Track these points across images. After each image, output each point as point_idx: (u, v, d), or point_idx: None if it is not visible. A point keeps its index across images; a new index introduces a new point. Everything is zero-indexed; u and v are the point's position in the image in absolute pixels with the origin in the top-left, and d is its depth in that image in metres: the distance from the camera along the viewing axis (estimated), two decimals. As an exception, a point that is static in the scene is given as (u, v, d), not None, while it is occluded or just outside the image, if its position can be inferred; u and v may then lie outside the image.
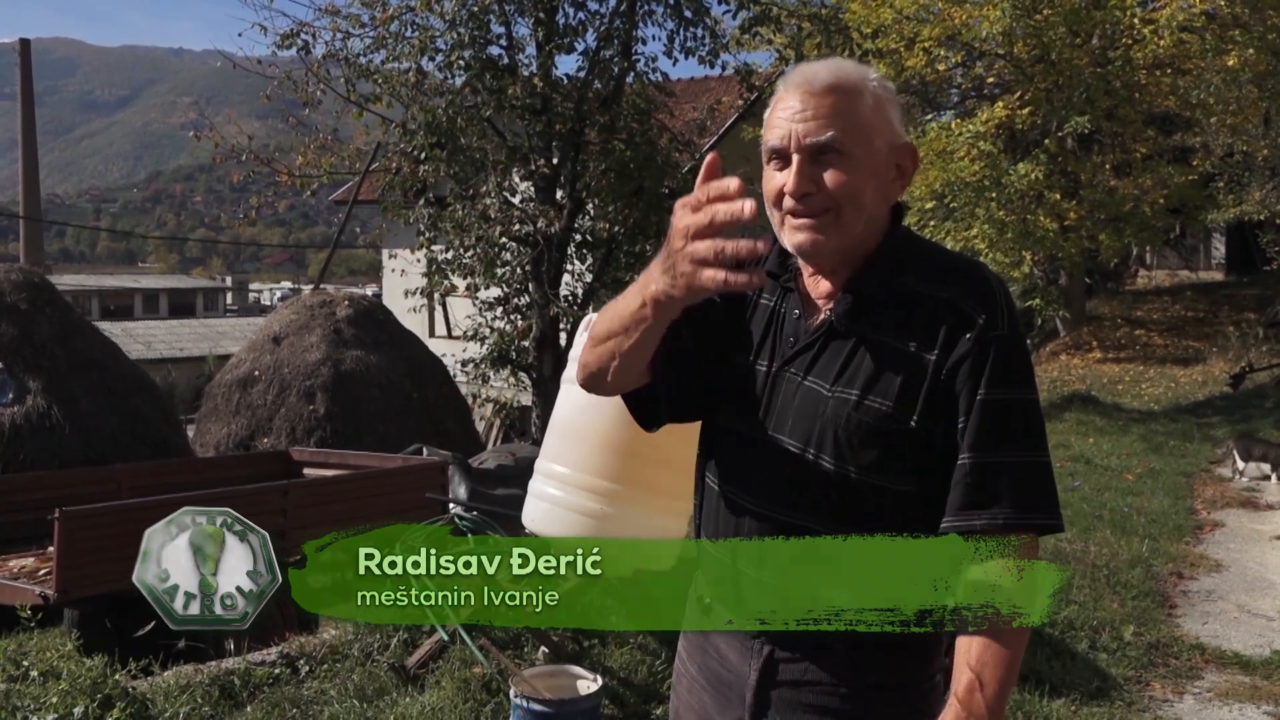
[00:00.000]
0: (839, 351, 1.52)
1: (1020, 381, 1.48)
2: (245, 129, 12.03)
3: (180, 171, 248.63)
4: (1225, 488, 8.79)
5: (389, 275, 19.10)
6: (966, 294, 1.48)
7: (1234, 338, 17.46)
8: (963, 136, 14.67)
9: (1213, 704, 4.22)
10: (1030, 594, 1.44)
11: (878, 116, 1.50)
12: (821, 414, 1.50)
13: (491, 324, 10.53)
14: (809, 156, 1.47)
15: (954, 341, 1.46)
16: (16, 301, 9.63)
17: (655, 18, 10.25)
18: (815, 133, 1.46)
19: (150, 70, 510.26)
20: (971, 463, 1.45)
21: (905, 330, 1.49)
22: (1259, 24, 14.59)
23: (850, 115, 1.48)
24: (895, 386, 1.47)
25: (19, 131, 25.61)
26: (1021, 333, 1.53)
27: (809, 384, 1.53)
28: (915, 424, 1.47)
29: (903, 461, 1.48)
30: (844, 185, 1.47)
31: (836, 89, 1.48)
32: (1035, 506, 1.46)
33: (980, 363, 1.45)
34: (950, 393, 1.46)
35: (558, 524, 3.20)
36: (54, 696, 3.48)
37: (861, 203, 1.49)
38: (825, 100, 1.47)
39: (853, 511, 1.49)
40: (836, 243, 1.50)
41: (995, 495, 1.45)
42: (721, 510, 1.61)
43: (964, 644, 1.43)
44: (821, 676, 1.54)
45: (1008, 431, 1.45)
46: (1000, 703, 1.41)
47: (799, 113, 1.48)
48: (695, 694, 1.71)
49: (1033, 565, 1.46)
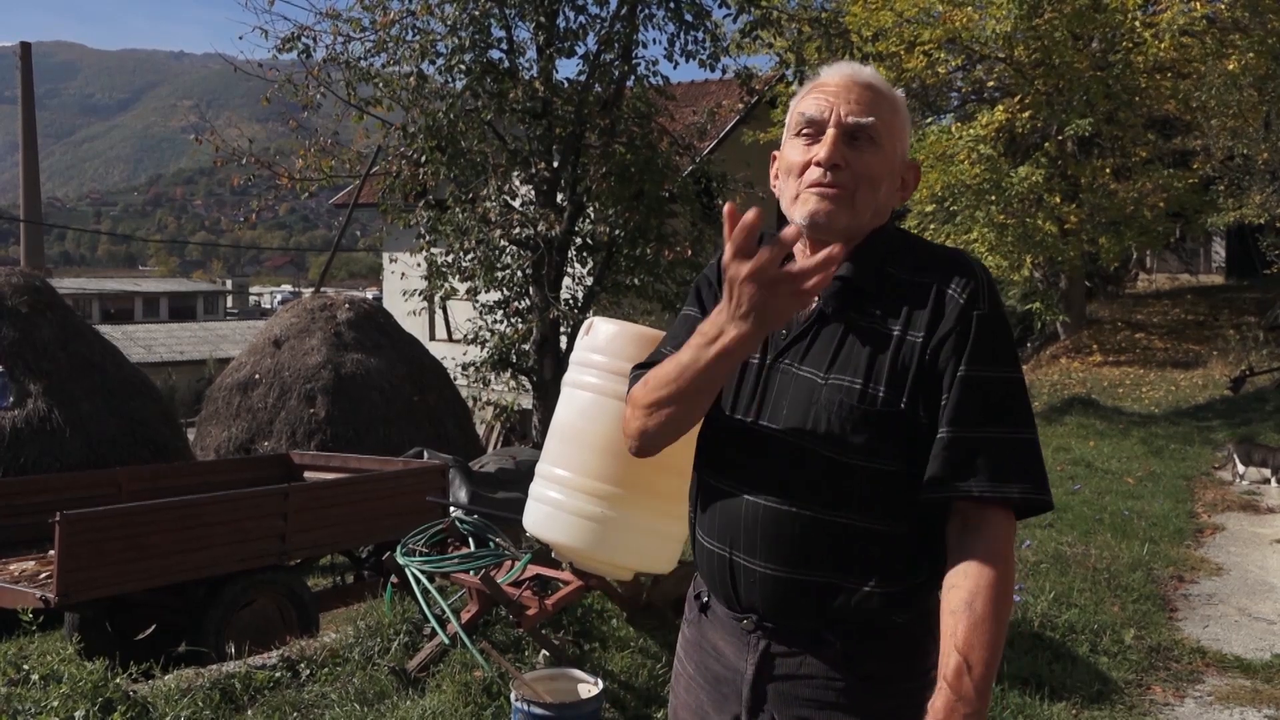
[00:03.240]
0: (830, 339, 1.55)
1: (1001, 359, 1.50)
2: (246, 132, 12.03)
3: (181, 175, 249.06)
4: (1226, 491, 8.78)
5: (389, 278, 19.11)
6: (948, 277, 1.52)
7: (1234, 341, 17.46)
8: (963, 140, 14.69)
9: (1213, 708, 4.21)
10: (1008, 570, 1.46)
11: (902, 128, 1.62)
12: (815, 401, 1.52)
13: (492, 327, 10.54)
14: (845, 135, 1.55)
15: (937, 322, 1.50)
16: (17, 305, 9.64)
17: (656, 21, 10.27)
18: (858, 114, 1.56)
19: (151, 73, 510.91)
20: (950, 436, 1.47)
21: (893, 316, 1.52)
22: (1259, 28, 14.60)
23: (886, 114, 1.58)
24: (885, 371, 1.50)
25: (20, 135, 25.63)
26: (1004, 313, 1.55)
27: (802, 373, 1.55)
28: (905, 407, 1.49)
29: (895, 445, 1.50)
30: (870, 169, 1.56)
31: (878, 89, 1.59)
32: (1014, 479, 1.47)
33: (961, 340, 1.48)
34: (933, 372, 1.49)
35: (558, 527, 3.20)
36: (55, 700, 3.48)
37: (877, 191, 1.57)
38: (868, 93, 1.58)
39: (846, 496, 1.51)
40: (847, 220, 1.56)
41: (972, 468, 1.46)
42: (717, 504, 1.63)
43: (949, 625, 1.44)
44: (818, 670, 1.55)
45: (987, 408, 1.47)
46: (987, 683, 1.42)
47: (844, 93, 1.57)
48: (692, 692, 1.72)
49: (1010, 540, 1.48)
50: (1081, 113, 14.48)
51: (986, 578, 1.44)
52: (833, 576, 1.52)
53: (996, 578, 1.44)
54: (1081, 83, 14.63)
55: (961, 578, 1.45)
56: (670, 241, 10.40)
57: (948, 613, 1.45)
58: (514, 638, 3.98)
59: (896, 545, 1.52)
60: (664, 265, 10.31)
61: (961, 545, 1.48)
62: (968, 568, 1.45)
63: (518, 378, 10.72)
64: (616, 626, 4.22)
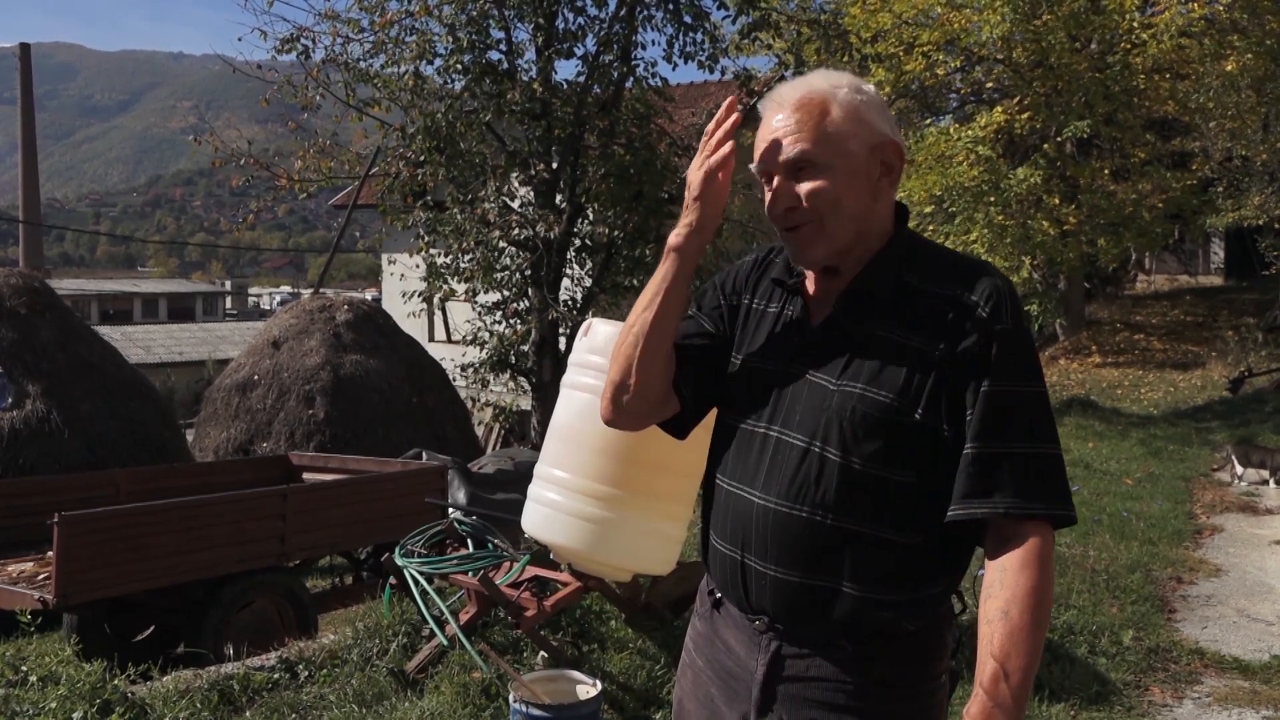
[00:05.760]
0: (844, 347, 1.56)
1: (1025, 375, 1.50)
2: (245, 133, 12.02)
3: (180, 176, 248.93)
4: (1224, 492, 8.79)
5: (388, 279, 19.10)
6: (970, 290, 1.51)
7: (1233, 342, 17.47)
8: (962, 141, 14.70)
9: (1212, 709, 4.22)
10: (1046, 580, 1.46)
11: (850, 122, 1.56)
12: (827, 407, 1.53)
13: (491, 328, 10.53)
14: (786, 173, 1.57)
15: (959, 336, 1.49)
16: (16, 306, 9.64)
17: (655, 23, 10.27)
18: (786, 150, 1.56)
19: (150, 75, 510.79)
20: (975, 453, 1.47)
21: (910, 326, 1.52)
22: (1258, 29, 14.61)
23: (820, 127, 1.55)
24: (899, 380, 1.50)
25: (19, 136, 25.64)
26: (1027, 327, 1.55)
27: (815, 379, 1.56)
28: (920, 417, 1.49)
29: (906, 454, 1.50)
30: (821, 196, 1.55)
31: (803, 104, 1.56)
32: (1039, 496, 1.47)
33: (985, 356, 1.48)
34: (956, 387, 1.48)
35: (557, 529, 3.20)
36: (53, 702, 3.48)
37: (842, 209, 1.56)
38: (793, 117, 1.56)
39: (856, 503, 1.51)
40: (825, 250, 1.58)
41: (998, 484, 1.46)
42: (730, 507, 1.64)
43: (985, 633, 1.45)
44: (827, 672, 1.56)
45: (1011, 423, 1.47)
46: (1024, 691, 1.42)
47: (772, 132, 1.58)
48: (702, 685, 1.73)
49: (1047, 550, 1.48)
50: (1080, 114, 14.49)
51: (1023, 587, 1.44)
52: (842, 583, 1.52)
53: (1033, 587, 1.44)
54: (1080, 84, 14.65)
55: (998, 587, 1.46)
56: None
57: (984, 621, 1.46)
58: (512, 639, 3.98)
59: (910, 556, 1.52)
60: (663, 267, 10.29)
61: (997, 556, 1.48)
62: (1004, 578, 1.46)
63: (516, 379, 10.72)
64: (615, 628, 4.22)
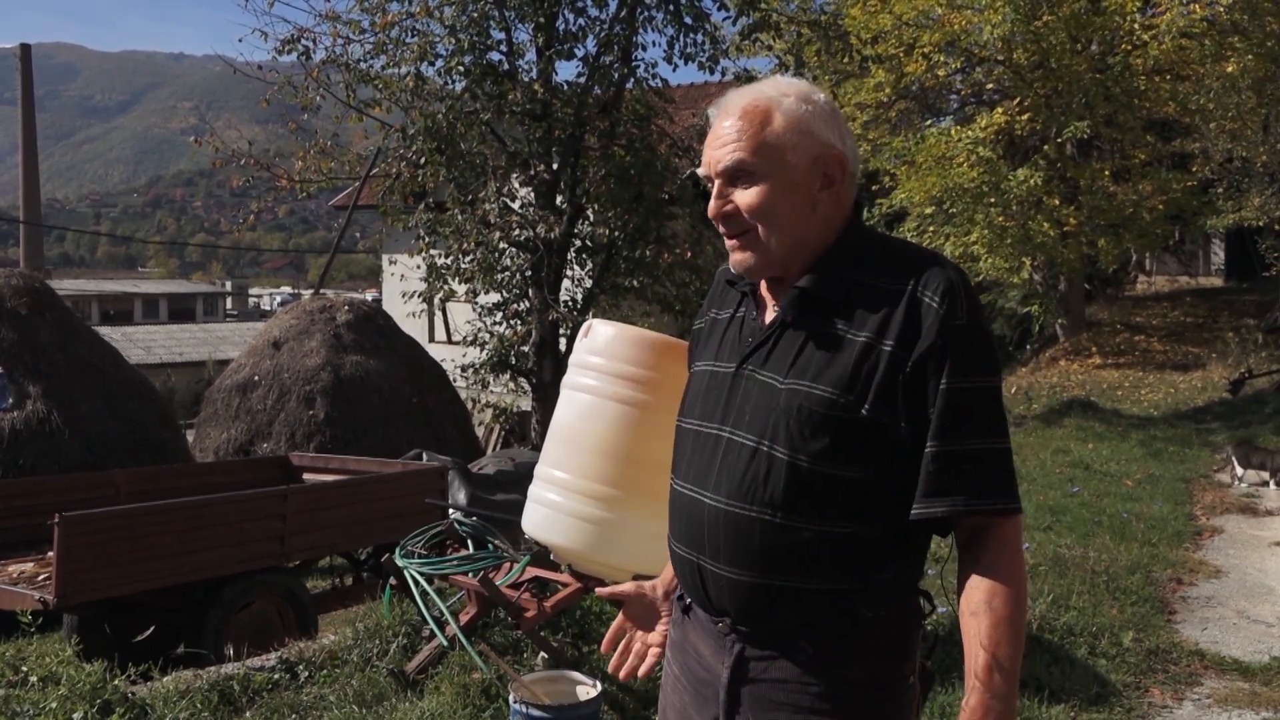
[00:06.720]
0: (791, 345, 1.56)
1: (982, 370, 1.50)
2: (245, 134, 12.04)
3: (180, 176, 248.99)
4: (1224, 493, 8.78)
5: (389, 280, 19.12)
6: (921, 282, 1.50)
7: (1233, 343, 17.46)
8: (962, 142, 14.69)
9: (1212, 710, 4.21)
10: (1021, 571, 1.49)
11: (792, 133, 1.55)
12: (775, 406, 1.53)
13: (491, 329, 10.54)
14: (725, 180, 1.58)
15: (913, 332, 1.48)
16: (16, 306, 9.64)
17: (655, 24, 10.29)
18: (724, 158, 1.57)
19: (151, 75, 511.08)
20: (935, 450, 1.48)
21: (858, 321, 1.51)
22: (1258, 30, 14.60)
23: (758, 136, 1.55)
24: (846, 376, 1.49)
25: (19, 136, 25.65)
26: (982, 319, 1.54)
27: (763, 378, 1.56)
28: (867, 412, 1.48)
29: (853, 450, 1.50)
30: (755, 204, 1.55)
31: (746, 113, 1.56)
32: (992, 492, 1.49)
33: (942, 354, 1.47)
34: (913, 384, 1.48)
35: (557, 529, 3.20)
36: (53, 702, 3.48)
37: (777, 218, 1.55)
38: (734, 125, 1.56)
39: (805, 501, 1.51)
40: (762, 258, 1.58)
41: (958, 483, 1.48)
42: (684, 510, 1.64)
43: (970, 626, 1.46)
44: (791, 674, 1.55)
45: (970, 420, 1.48)
46: (1015, 679, 1.45)
47: (716, 138, 1.59)
48: (677, 693, 1.74)
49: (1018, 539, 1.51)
50: (1080, 115, 14.48)
51: (1002, 578, 1.47)
52: (797, 580, 1.52)
53: (1011, 577, 1.47)
54: (1080, 85, 14.64)
55: (977, 580, 1.48)
56: (669, 244, 10.40)
57: (968, 615, 1.47)
58: (513, 640, 3.98)
59: (861, 546, 1.52)
60: (663, 267, 10.32)
61: (971, 550, 1.51)
62: (983, 570, 1.48)
63: (517, 380, 10.72)
64: (615, 628, 4.22)
